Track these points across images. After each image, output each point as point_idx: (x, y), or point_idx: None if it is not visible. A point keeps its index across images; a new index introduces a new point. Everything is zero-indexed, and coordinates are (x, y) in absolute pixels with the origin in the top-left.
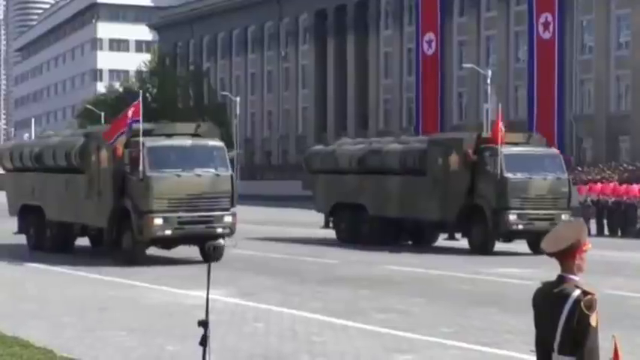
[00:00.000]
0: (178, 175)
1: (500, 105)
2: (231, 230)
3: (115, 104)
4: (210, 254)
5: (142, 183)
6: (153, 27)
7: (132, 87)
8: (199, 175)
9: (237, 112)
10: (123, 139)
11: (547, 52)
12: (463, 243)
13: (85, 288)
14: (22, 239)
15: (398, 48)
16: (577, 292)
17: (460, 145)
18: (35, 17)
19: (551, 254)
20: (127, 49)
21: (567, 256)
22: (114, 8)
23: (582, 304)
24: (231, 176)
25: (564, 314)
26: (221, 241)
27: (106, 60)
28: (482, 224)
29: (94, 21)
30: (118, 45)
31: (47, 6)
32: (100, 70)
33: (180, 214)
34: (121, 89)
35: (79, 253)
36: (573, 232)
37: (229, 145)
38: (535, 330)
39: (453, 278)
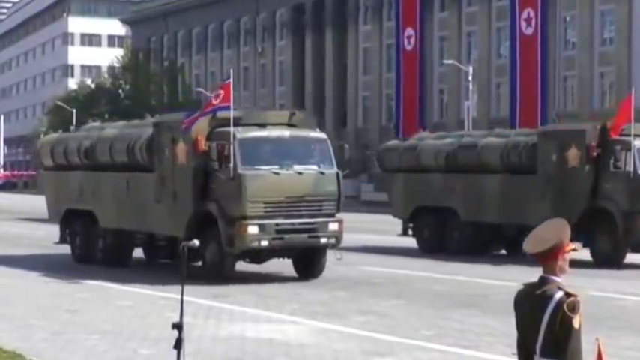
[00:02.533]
0: (276, 174)
1: (633, 89)
2: (337, 240)
3: (86, 101)
4: (184, 255)
5: (233, 183)
6: (126, 21)
7: (104, 83)
8: (300, 174)
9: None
10: (203, 128)
11: (529, 48)
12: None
13: (51, 289)
14: (62, 250)
15: (377, 44)
16: (560, 294)
17: (581, 138)
18: (4, 11)
19: (532, 255)
20: (99, 44)
21: (549, 257)
22: (86, 2)
23: (565, 305)
24: (337, 175)
25: (546, 316)
26: (195, 241)
27: (78, 55)
28: (609, 231)
29: (65, 15)
30: (89, 40)
31: None
32: (72, 66)
33: (279, 220)
34: (92, 85)
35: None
36: (555, 232)
37: None
38: (517, 332)
39: (426, 279)
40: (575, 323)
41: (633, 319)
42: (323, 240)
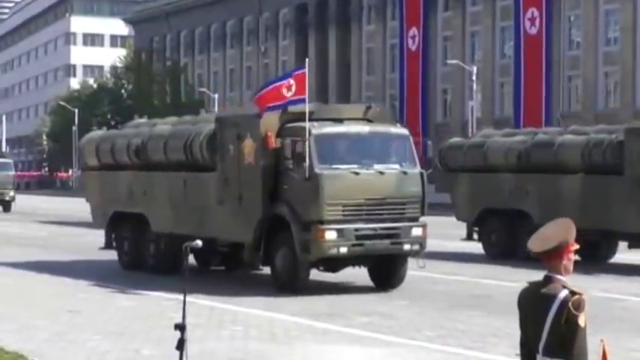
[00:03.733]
0: (356, 173)
1: None
2: (421, 247)
3: (89, 101)
4: (187, 254)
5: (309, 183)
6: (128, 21)
7: (106, 83)
8: (382, 173)
9: (216, 109)
10: (273, 123)
11: (534, 47)
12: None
13: (55, 290)
14: (107, 255)
15: (381, 43)
16: (565, 292)
17: None
18: (6, 11)
19: (537, 254)
20: (101, 44)
21: (554, 256)
22: (88, 1)
23: (570, 304)
24: (422, 174)
25: (551, 315)
26: (198, 242)
27: (80, 55)
28: None
29: (67, 15)
30: (92, 40)
31: None
32: (74, 66)
33: (359, 225)
34: (95, 85)
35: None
36: (560, 232)
37: None
38: (520, 332)
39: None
40: (581, 322)
41: (638, 320)
42: (406, 247)
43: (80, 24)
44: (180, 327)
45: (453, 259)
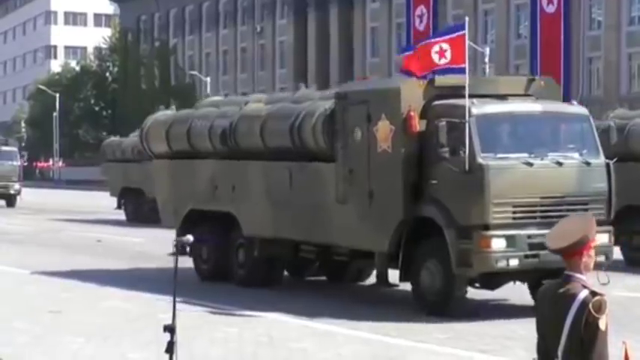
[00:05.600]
0: (528, 164)
1: None
2: (607, 258)
3: (71, 85)
4: (178, 251)
5: (469, 177)
6: None
7: (90, 65)
8: (559, 165)
9: (208, 93)
10: (416, 99)
11: (551, 27)
12: None
13: (35, 289)
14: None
15: (386, 23)
16: (585, 293)
17: None
18: None
19: (556, 251)
20: (84, 24)
21: (574, 253)
22: None
23: (591, 305)
24: (608, 166)
25: (570, 317)
26: (189, 237)
27: (61, 35)
28: None
29: None
30: (74, 19)
31: None
32: (55, 47)
33: (532, 230)
34: (77, 68)
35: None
36: (581, 227)
37: None
38: (537, 335)
39: None
40: (602, 325)
41: None
42: None
43: (61, 2)
44: (170, 329)
45: None
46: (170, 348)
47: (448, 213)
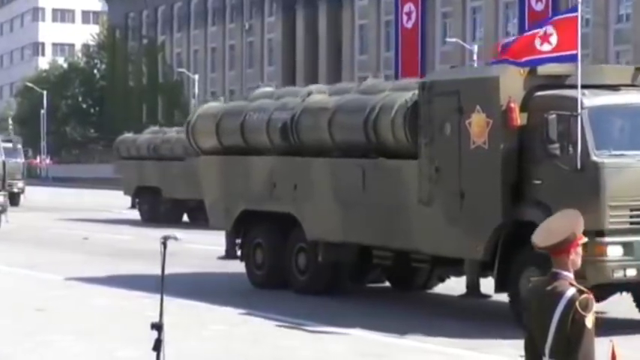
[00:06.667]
0: None
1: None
2: None
3: (58, 82)
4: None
5: (581, 177)
6: None
7: (78, 63)
8: None
9: (196, 91)
10: (516, 90)
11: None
12: None
13: (20, 286)
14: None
15: (375, 20)
16: (572, 291)
17: None
18: None
19: (543, 249)
20: (72, 20)
21: (561, 251)
22: None
23: (578, 303)
24: None
25: (557, 315)
26: (177, 234)
27: (49, 32)
28: None
29: None
30: (62, 15)
31: None
32: (42, 44)
33: None
34: (65, 65)
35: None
36: (568, 224)
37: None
38: (524, 332)
39: None
40: (589, 323)
41: None
42: None
43: None
44: (157, 326)
45: None
46: (157, 345)
47: None
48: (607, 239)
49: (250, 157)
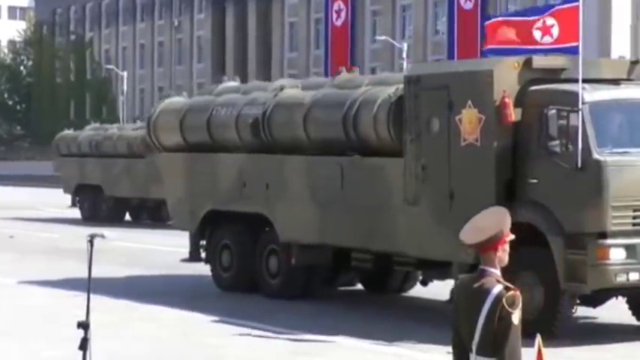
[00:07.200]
0: None
1: None
2: None
3: None
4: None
5: (582, 176)
6: None
7: (4, 59)
8: None
9: (125, 87)
10: (510, 83)
11: (468, 23)
12: None
13: None
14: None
15: (304, 18)
16: (499, 288)
17: None
18: None
19: (471, 246)
20: None
21: (488, 248)
22: None
23: (504, 300)
24: None
25: (484, 311)
26: (104, 232)
27: None
28: None
29: None
30: None
31: None
32: None
33: None
34: None
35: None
36: (495, 221)
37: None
38: (452, 329)
39: None
40: (515, 319)
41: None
42: None
43: None
44: (84, 325)
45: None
46: (84, 344)
47: (553, 218)
48: (609, 241)
49: (217, 154)
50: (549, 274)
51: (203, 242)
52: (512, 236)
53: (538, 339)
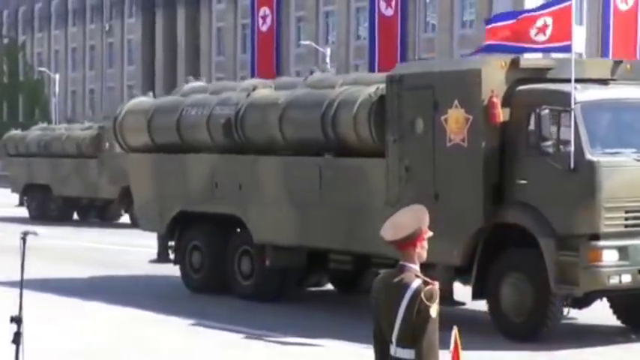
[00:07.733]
0: None
1: None
2: None
3: None
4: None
5: (574, 177)
6: None
7: None
8: None
9: (57, 89)
10: (497, 83)
11: (389, 29)
12: None
13: None
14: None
15: (232, 23)
16: (417, 282)
17: None
18: None
19: (391, 243)
20: None
21: (408, 244)
22: None
23: (423, 294)
24: None
25: (404, 304)
26: (37, 230)
27: None
28: None
29: None
30: None
31: None
32: None
33: None
34: None
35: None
36: (414, 219)
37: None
38: (373, 321)
39: None
40: (433, 312)
41: None
42: None
43: None
44: (17, 320)
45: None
46: (17, 339)
47: (544, 219)
48: (602, 243)
49: (187, 155)
50: (539, 276)
51: (171, 243)
52: (430, 233)
53: (454, 332)
